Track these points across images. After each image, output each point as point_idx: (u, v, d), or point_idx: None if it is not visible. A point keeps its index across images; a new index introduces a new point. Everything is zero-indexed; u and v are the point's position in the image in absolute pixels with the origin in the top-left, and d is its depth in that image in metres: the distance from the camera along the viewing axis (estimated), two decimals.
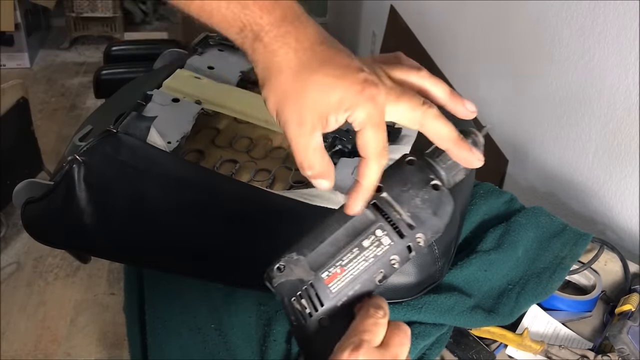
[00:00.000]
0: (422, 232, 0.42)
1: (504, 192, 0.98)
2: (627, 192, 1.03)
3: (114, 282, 2.00)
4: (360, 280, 0.41)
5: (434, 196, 0.42)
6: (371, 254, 0.41)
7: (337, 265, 0.41)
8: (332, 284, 0.41)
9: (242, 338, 0.85)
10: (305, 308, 0.41)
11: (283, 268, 0.42)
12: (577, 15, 1.13)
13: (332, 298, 0.41)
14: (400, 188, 0.43)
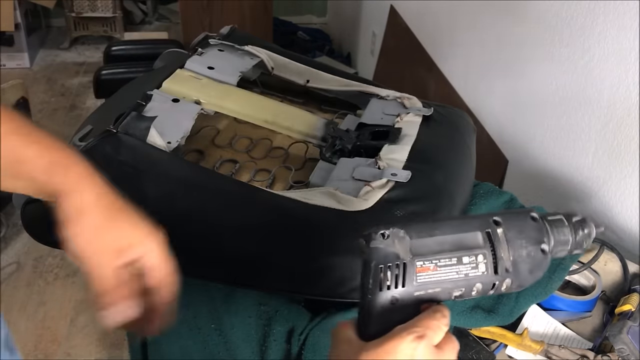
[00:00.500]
0: (511, 280, 0.46)
1: (504, 192, 0.98)
2: (627, 192, 1.03)
3: None
4: (443, 286, 0.44)
5: (539, 257, 0.47)
6: (464, 271, 0.44)
7: (434, 262, 0.43)
8: (420, 275, 0.43)
9: (242, 338, 0.85)
10: (387, 280, 0.43)
11: (387, 236, 0.43)
12: (577, 15, 1.13)
13: (414, 286, 0.43)
14: (516, 234, 0.46)
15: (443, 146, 0.94)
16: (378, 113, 1.00)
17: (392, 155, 0.87)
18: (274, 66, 1.12)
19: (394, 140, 0.91)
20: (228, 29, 1.20)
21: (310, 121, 1.01)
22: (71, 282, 2.00)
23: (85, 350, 1.77)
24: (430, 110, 0.99)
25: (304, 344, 0.75)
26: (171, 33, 3.58)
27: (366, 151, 0.92)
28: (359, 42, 2.95)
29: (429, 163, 0.87)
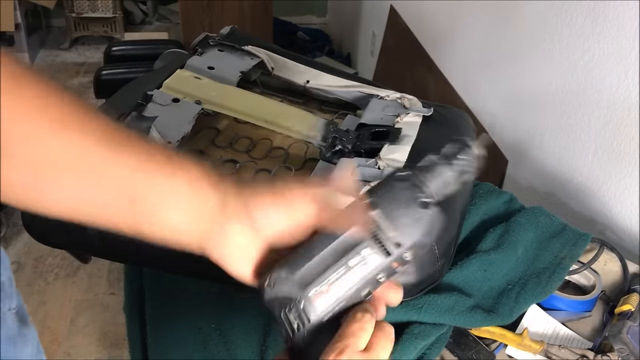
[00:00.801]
0: (409, 250, 0.43)
1: (503, 192, 0.98)
2: (626, 192, 1.03)
3: (114, 282, 2.00)
4: (345, 297, 0.42)
5: (423, 215, 0.43)
6: (357, 274, 0.42)
7: (324, 283, 0.42)
8: (318, 301, 0.42)
9: (242, 337, 0.85)
10: (294, 322, 0.42)
11: (273, 285, 0.42)
12: (577, 15, 1.13)
13: (319, 314, 0.42)
14: (389, 206, 0.43)
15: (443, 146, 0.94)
16: (378, 113, 1.01)
17: (392, 156, 0.87)
18: (274, 66, 1.12)
19: (394, 140, 0.91)
20: (228, 29, 1.20)
21: (310, 121, 1.01)
22: (71, 282, 2.00)
23: (85, 350, 1.77)
24: (430, 111, 1.00)
25: None
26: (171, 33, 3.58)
27: (366, 151, 0.92)
28: (359, 42, 2.95)
29: None
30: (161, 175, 0.43)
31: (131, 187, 0.43)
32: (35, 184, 0.42)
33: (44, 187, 0.42)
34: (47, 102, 0.42)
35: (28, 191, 0.42)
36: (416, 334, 0.72)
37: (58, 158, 0.42)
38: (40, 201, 0.43)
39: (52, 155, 0.41)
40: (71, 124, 0.42)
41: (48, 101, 0.42)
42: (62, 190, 0.43)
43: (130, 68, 2.38)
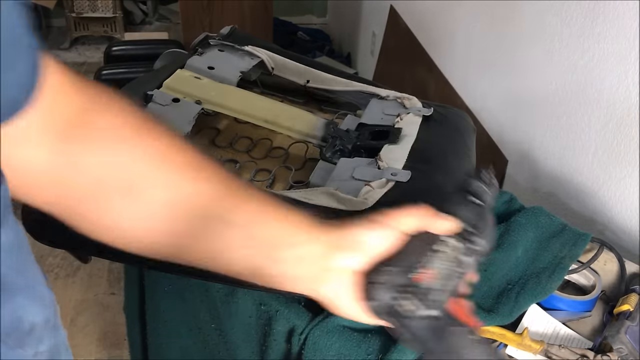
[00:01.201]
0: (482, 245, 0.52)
1: (503, 192, 0.98)
2: (626, 192, 1.03)
3: (115, 282, 2.00)
4: (443, 277, 0.48)
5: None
6: (446, 259, 0.49)
7: (423, 267, 0.47)
8: (423, 282, 0.47)
9: (242, 338, 0.85)
10: (408, 306, 0.46)
11: (383, 281, 0.47)
12: (576, 16, 1.13)
13: (427, 294, 0.47)
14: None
15: (443, 146, 0.94)
16: (378, 113, 1.01)
17: (392, 155, 0.87)
18: (274, 66, 1.12)
19: (394, 140, 0.91)
20: (228, 29, 1.20)
21: (310, 121, 1.01)
22: (71, 282, 2.00)
23: (85, 349, 1.77)
24: (430, 110, 1.00)
25: (304, 343, 0.75)
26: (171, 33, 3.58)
27: (366, 151, 0.92)
28: (359, 42, 2.95)
29: (429, 163, 0.87)
30: (277, 222, 0.46)
31: (254, 234, 0.45)
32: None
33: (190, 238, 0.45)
34: (174, 148, 0.45)
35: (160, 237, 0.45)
36: None
37: (190, 206, 0.44)
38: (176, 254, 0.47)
39: (185, 203, 0.44)
40: (200, 173, 0.44)
41: (174, 148, 0.45)
42: (198, 240, 0.45)
43: (130, 68, 2.39)
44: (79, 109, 0.42)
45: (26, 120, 0.38)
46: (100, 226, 0.45)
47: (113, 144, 0.42)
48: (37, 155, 0.41)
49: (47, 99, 0.39)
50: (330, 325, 0.74)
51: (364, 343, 0.73)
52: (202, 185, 0.44)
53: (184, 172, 0.44)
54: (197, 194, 0.44)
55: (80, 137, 0.41)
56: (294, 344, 0.77)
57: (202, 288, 0.89)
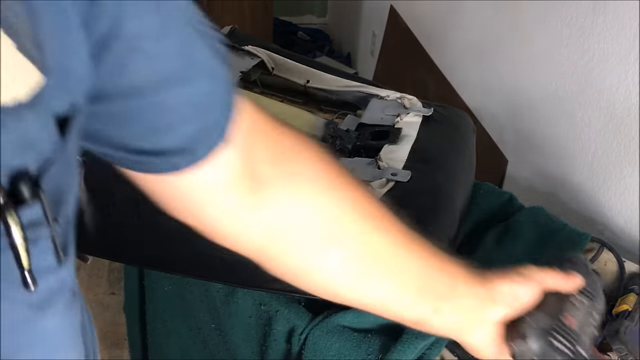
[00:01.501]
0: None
1: (503, 192, 0.98)
2: (626, 192, 1.03)
3: (115, 282, 2.00)
4: (583, 323, 0.53)
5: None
6: (583, 308, 0.55)
7: (568, 312, 0.53)
8: (569, 321, 0.52)
9: (242, 338, 0.85)
10: (564, 345, 0.51)
11: (535, 326, 0.51)
12: (576, 16, 1.13)
13: (577, 332, 0.52)
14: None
15: (443, 146, 0.94)
16: (378, 113, 1.01)
17: (392, 155, 0.87)
18: (274, 66, 1.12)
19: (394, 140, 0.91)
20: (228, 29, 1.20)
21: (310, 121, 1.01)
22: None
23: None
24: (430, 111, 1.00)
25: (304, 344, 0.75)
26: None
27: (366, 151, 0.92)
28: (359, 42, 2.95)
29: (429, 163, 0.87)
30: (442, 274, 0.49)
31: (425, 285, 0.48)
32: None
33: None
34: (367, 199, 0.47)
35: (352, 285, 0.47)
36: (416, 334, 0.72)
37: (377, 255, 0.47)
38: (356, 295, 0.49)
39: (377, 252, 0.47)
40: (387, 224, 0.47)
41: (367, 199, 0.47)
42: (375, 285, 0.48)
43: None
44: (276, 154, 0.42)
45: (220, 163, 0.38)
46: (297, 271, 0.47)
47: (314, 192, 0.44)
48: (234, 200, 0.41)
49: (243, 141, 0.39)
50: (330, 325, 0.74)
51: (364, 343, 0.73)
52: (388, 236, 0.47)
53: (375, 223, 0.46)
54: (383, 244, 0.46)
55: (281, 185, 0.42)
56: (294, 344, 0.77)
57: (202, 288, 0.89)
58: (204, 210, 0.42)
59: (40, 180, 0.27)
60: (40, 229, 0.28)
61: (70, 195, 0.32)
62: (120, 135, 0.36)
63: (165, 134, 0.35)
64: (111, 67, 0.31)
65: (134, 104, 0.33)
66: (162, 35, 0.32)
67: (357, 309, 0.74)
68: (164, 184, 0.40)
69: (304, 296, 0.78)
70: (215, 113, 0.37)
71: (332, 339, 0.73)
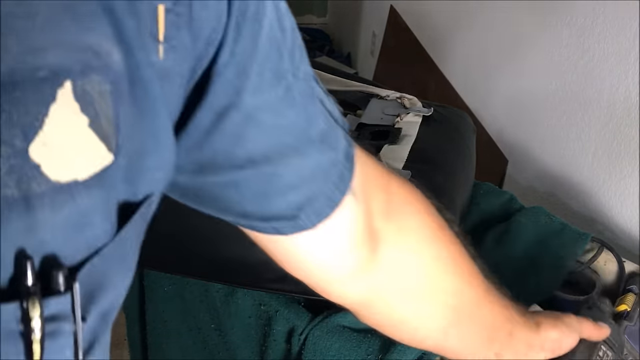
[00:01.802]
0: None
1: (503, 192, 0.98)
2: (626, 192, 1.03)
3: None
4: None
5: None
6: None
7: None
8: None
9: (242, 338, 0.85)
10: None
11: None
12: (577, 16, 1.13)
13: None
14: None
15: (443, 146, 0.94)
16: (378, 113, 1.01)
17: (392, 155, 0.87)
18: None
19: (394, 140, 0.91)
20: None
21: None
22: None
23: None
24: (430, 111, 0.99)
25: (304, 344, 0.75)
26: None
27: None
28: (359, 42, 2.95)
29: (429, 163, 0.87)
30: (508, 321, 0.51)
31: (494, 331, 0.51)
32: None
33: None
34: (462, 254, 0.48)
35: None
36: None
37: (464, 310, 0.48)
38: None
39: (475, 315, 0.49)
40: (476, 279, 0.49)
41: (462, 254, 0.48)
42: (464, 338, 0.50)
43: None
44: (390, 208, 0.42)
45: (339, 226, 0.37)
46: (396, 322, 0.47)
47: (420, 248, 0.44)
48: (354, 262, 0.41)
49: (362, 199, 0.39)
50: (330, 325, 0.74)
51: (364, 343, 0.73)
52: (475, 291, 0.48)
53: (465, 279, 0.48)
54: (469, 300, 0.48)
55: (394, 241, 0.42)
56: (293, 344, 0.77)
57: (202, 288, 0.89)
58: (319, 270, 0.41)
59: (78, 271, 0.24)
60: (64, 324, 0.24)
61: (111, 291, 0.28)
62: (224, 200, 0.35)
63: (271, 201, 0.35)
64: (227, 138, 0.30)
65: (244, 174, 0.33)
66: (281, 108, 0.32)
67: None
68: (275, 243, 0.39)
69: (303, 296, 0.78)
70: (326, 183, 0.36)
71: (332, 339, 0.73)
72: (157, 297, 0.98)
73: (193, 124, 0.30)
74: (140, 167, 0.26)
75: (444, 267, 0.46)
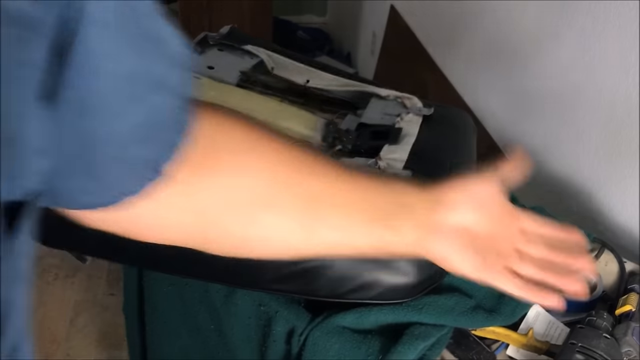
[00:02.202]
0: None
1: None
2: (627, 192, 1.03)
3: (114, 283, 2.00)
4: None
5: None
6: None
7: None
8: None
9: (242, 338, 0.85)
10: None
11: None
12: (577, 16, 1.13)
13: None
14: None
15: (443, 146, 0.94)
16: (378, 113, 1.00)
17: (392, 156, 0.87)
18: (274, 66, 1.12)
19: (395, 140, 0.90)
20: (228, 29, 1.20)
21: (310, 121, 1.01)
22: (70, 282, 2.00)
23: (84, 350, 1.77)
24: (430, 110, 0.99)
25: (304, 344, 0.75)
26: None
27: (366, 151, 0.92)
28: (359, 42, 2.95)
29: (430, 163, 0.87)
30: (387, 190, 0.49)
31: (369, 204, 0.48)
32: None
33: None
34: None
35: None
36: (417, 334, 0.72)
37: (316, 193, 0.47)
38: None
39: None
40: (312, 170, 0.48)
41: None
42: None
43: None
44: (208, 138, 0.42)
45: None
46: (245, 243, 0.47)
47: (240, 161, 0.45)
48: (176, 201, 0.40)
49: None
50: (330, 326, 0.74)
51: (364, 344, 0.72)
52: (325, 177, 0.47)
53: (308, 169, 0.47)
54: (320, 187, 0.47)
55: (211, 168, 0.42)
56: (293, 345, 0.77)
57: (201, 288, 0.89)
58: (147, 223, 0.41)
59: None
60: None
61: (12, 312, 0.26)
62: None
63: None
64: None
65: None
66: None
67: (357, 310, 0.74)
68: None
69: (303, 297, 0.78)
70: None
71: (331, 339, 0.73)
72: (157, 297, 0.98)
73: None
74: (15, 159, 0.23)
75: (277, 167, 0.46)
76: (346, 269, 0.73)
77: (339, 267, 0.73)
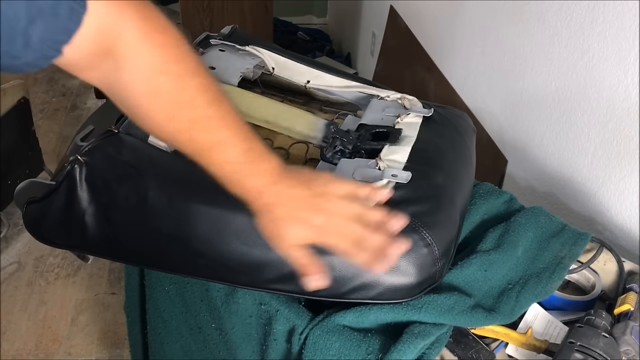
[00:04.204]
0: None
1: (503, 192, 0.98)
2: (626, 192, 1.03)
3: (115, 282, 2.00)
4: None
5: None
6: None
7: None
8: None
9: (243, 337, 0.85)
10: None
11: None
12: (576, 16, 1.13)
13: None
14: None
15: (443, 147, 0.94)
16: (378, 114, 1.01)
17: (392, 156, 0.87)
18: (274, 66, 1.12)
19: (395, 141, 0.91)
20: (229, 29, 1.20)
21: (310, 121, 1.01)
22: (72, 281, 2.00)
23: (86, 349, 1.78)
24: (430, 111, 1.00)
25: (305, 343, 0.75)
26: None
27: (366, 152, 0.92)
28: (359, 42, 2.95)
29: (429, 164, 0.88)
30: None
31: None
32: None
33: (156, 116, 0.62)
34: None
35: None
36: (416, 333, 0.72)
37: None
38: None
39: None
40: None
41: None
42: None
43: None
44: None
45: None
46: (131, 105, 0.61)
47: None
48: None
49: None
50: (331, 324, 0.75)
51: (364, 343, 0.73)
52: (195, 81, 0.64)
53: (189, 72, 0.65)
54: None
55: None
56: (294, 344, 0.77)
57: (202, 288, 0.89)
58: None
59: None
60: None
61: None
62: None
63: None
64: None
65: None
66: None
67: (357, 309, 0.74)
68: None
69: (304, 296, 0.78)
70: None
71: (332, 338, 0.73)
72: (158, 296, 0.99)
73: None
74: None
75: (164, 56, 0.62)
76: (346, 269, 0.74)
77: (339, 267, 0.73)
